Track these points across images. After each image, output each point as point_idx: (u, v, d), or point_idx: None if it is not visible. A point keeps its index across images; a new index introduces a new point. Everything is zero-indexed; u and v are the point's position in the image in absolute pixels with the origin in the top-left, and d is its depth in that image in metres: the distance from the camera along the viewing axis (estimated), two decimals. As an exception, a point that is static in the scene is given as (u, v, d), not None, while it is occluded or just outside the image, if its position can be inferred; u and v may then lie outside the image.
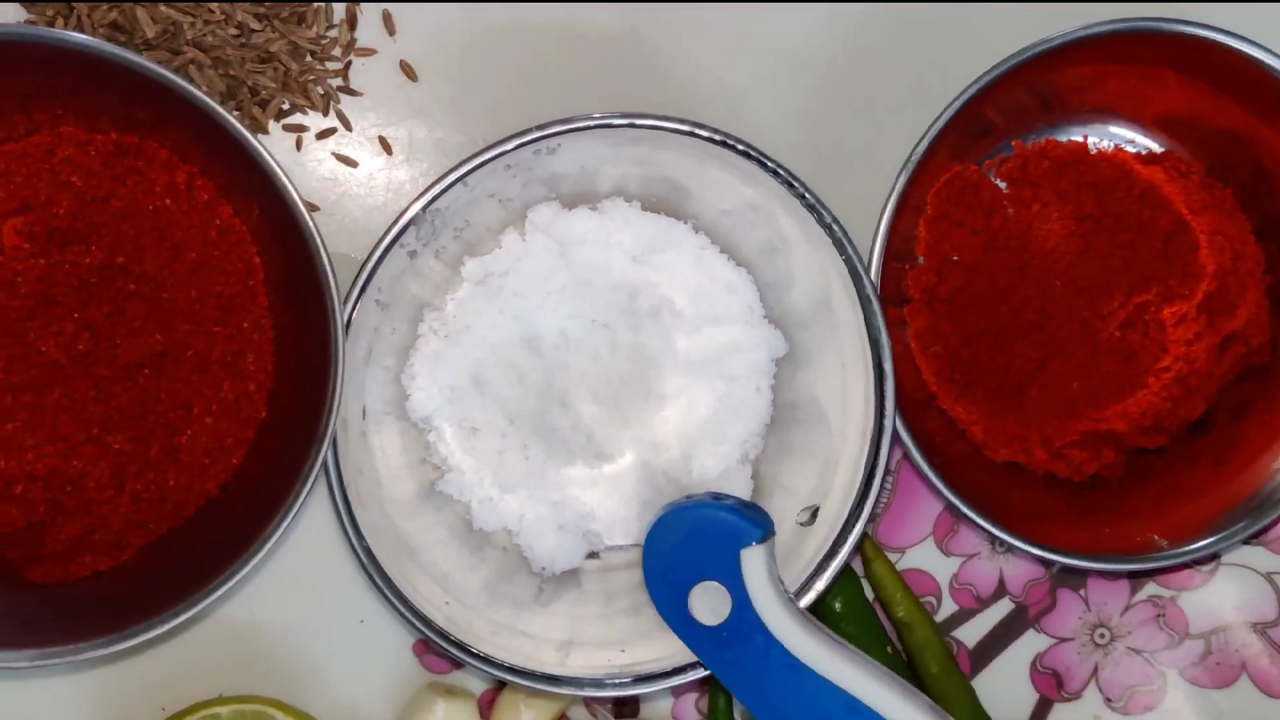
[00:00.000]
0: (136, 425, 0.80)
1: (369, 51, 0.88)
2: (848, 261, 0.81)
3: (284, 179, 0.76)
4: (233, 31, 0.83)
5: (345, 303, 0.79)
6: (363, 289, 0.80)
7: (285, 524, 0.78)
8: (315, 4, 0.86)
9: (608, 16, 0.88)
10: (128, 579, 0.81)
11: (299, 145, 0.87)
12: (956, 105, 0.82)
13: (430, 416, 0.85)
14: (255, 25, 0.83)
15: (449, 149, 0.87)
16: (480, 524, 0.86)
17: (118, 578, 0.81)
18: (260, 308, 0.82)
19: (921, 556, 0.92)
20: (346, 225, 0.87)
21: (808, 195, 0.81)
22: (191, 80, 0.81)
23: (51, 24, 0.83)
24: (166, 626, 0.78)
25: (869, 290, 0.81)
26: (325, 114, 0.87)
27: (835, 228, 0.81)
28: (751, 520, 0.80)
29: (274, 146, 0.86)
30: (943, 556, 0.91)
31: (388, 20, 0.87)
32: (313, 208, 0.86)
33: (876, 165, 0.86)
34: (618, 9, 0.88)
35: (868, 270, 0.82)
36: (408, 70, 0.88)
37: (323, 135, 0.87)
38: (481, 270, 0.85)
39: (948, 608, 0.92)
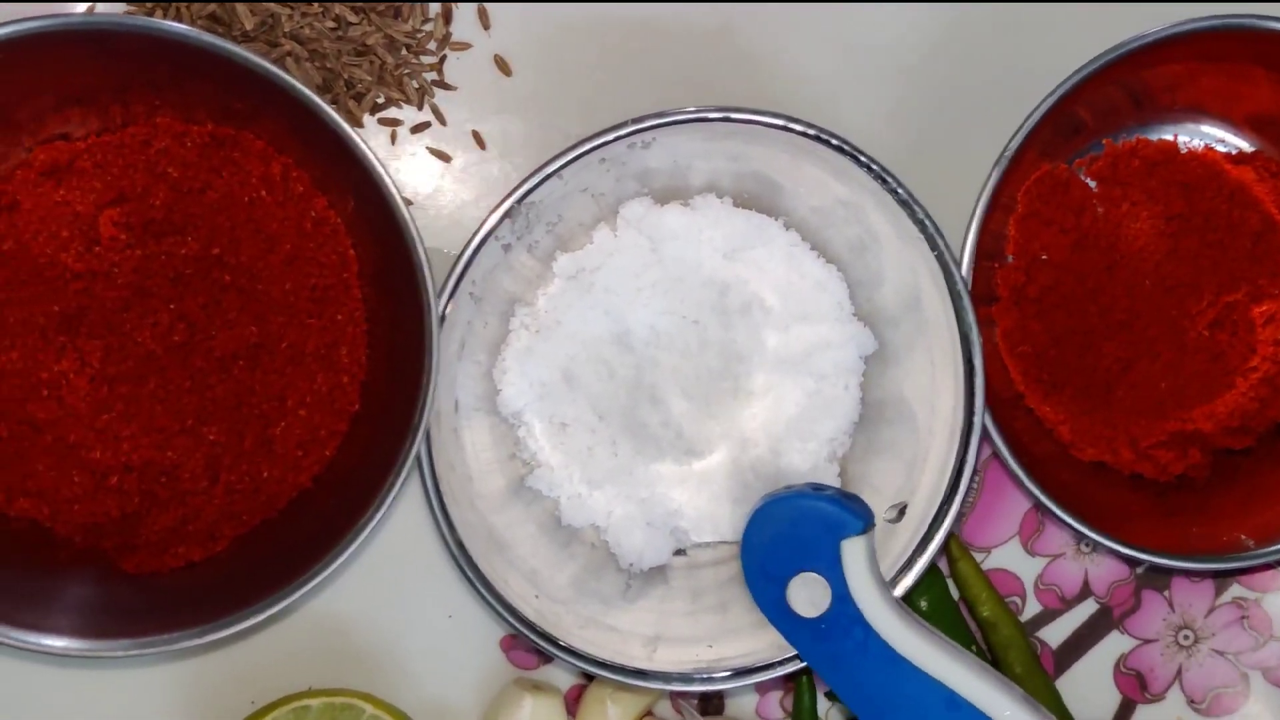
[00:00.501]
0: (231, 417, 0.80)
1: (464, 46, 0.88)
2: (939, 258, 0.81)
3: (381, 172, 0.76)
4: (330, 24, 0.83)
5: (440, 296, 0.79)
6: (457, 282, 0.80)
7: (378, 517, 0.78)
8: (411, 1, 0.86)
9: (701, 12, 0.88)
10: (221, 570, 0.81)
11: (393, 139, 0.87)
12: (1049, 102, 0.82)
13: (520, 412, 0.85)
14: (352, 18, 0.84)
15: (541, 143, 0.87)
16: (569, 520, 0.86)
17: (211, 569, 0.81)
18: (354, 300, 0.82)
19: (1007, 556, 0.91)
20: (439, 219, 0.88)
21: (900, 191, 0.81)
22: (288, 73, 0.81)
23: (150, 14, 0.83)
24: (259, 618, 0.78)
25: (960, 287, 0.81)
26: (420, 108, 0.87)
27: (928, 224, 0.81)
28: (853, 511, 0.79)
29: (368, 140, 0.86)
30: (1028, 556, 0.91)
31: (483, 14, 0.87)
32: (407, 201, 0.85)
33: (965, 162, 0.86)
34: (711, 5, 0.87)
35: (959, 267, 0.81)
36: (502, 64, 0.88)
37: (417, 129, 0.88)
38: (573, 265, 0.85)
39: (1032, 608, 0.91)
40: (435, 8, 0.87)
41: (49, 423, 0.79)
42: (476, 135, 0.88)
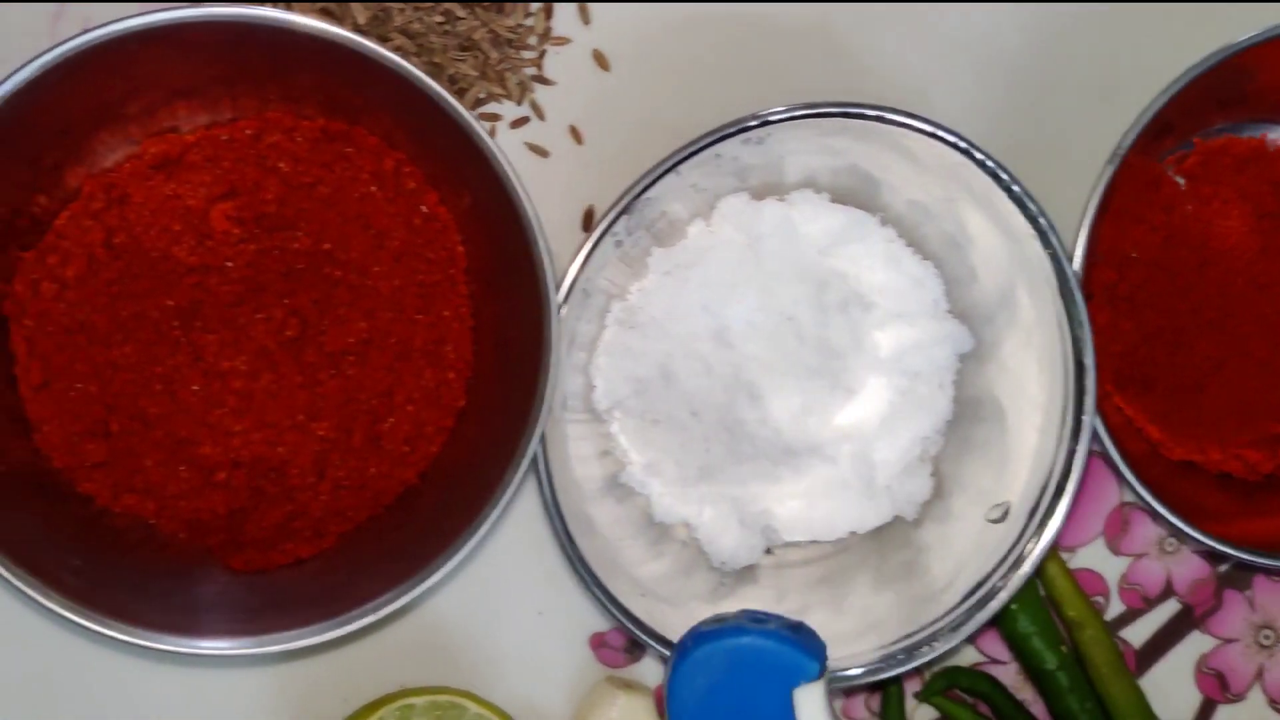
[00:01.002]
0: (340, 413, 0.80)
1: (564, 40, 0.87)
2: (1053, 256, 0.81)
3: (508, 169, 0.75)
4: (438, 19, 0.83)
5: (558, 291, 0.78)
6: (575, 278, 0.79)
7: (495, 514, 0.77)
8: (516, -7, 0.86)
9: (798, 8, 0.88)
10: (329, 567, 0.81)
11: (493, 134, 0.87)
12: (1161, 101, 0.82)
13: (613, 408, 0.85)
14: (461, 13, 0.83)
15: (637, 139, 0.87)
16: (660, 517, 0.86)
17: (319, 565, 0.81)
18: (460, 296, 0.81)
19: (1092, 556, 0.91)
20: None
21: (1016, 188, 0.81)
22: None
23: (260, 8, 0.82)
24: (381, 614, 0.78)
25: (1072, 285, 0.81)
26: (519, 103, 0.87)
27: (1042, 220, 0.81)
28: (804, 649, 0.67)
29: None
30: (1112, 556, 0.91)
31: (583, 10, 0.87)
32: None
33: (1060, 158, 0.86)
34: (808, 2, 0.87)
35: (1070, 264, 0.81)
36: (600, 59, 0.88)
37: (516, 124, 0.87)
38: (669, 261, 0.85)
39: (1115, 607, 0.91)
40: (537, 3, 0.86)
41: (160, 418, 0.78)
42: (574, 130, 0.88)
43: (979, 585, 0.84)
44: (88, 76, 0.74)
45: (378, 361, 0.80)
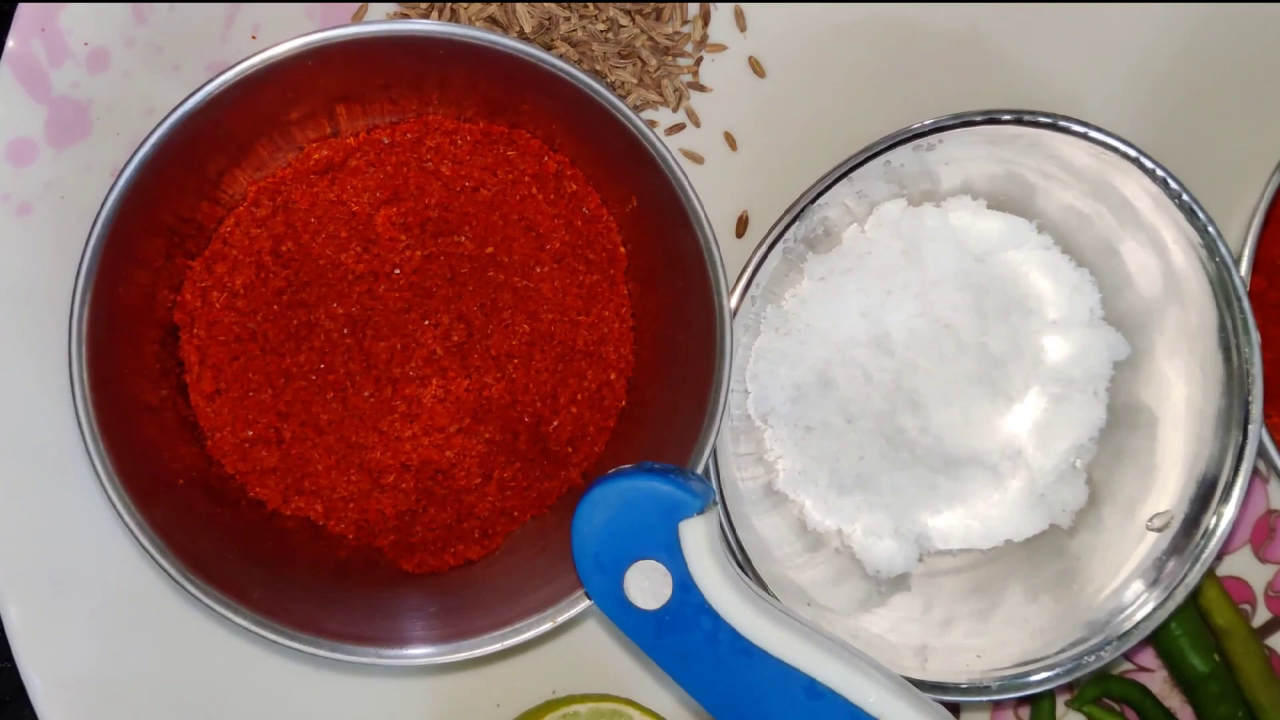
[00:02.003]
0: (505, 415, 0.80)
1: (719, 47, 0.87)
2: (1220, 264, 0.81)
3: (681, 174, 0.75)
4: (601, 26, 0.83)
5: (731, 296, 0.78)
6: (749, 282, 0.79)
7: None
8: (674, 1, 0.85)
9: (949, 15, 0.87)
10: (497, 568, 0.81)
11: (649, 141, 0.87)
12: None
13: (768, 414, 0.85)
14: (623, 21, 0.83)
15: (792, 145, 0.87)
16: (814, 524, 0.86)
17: (488, 567, 0.81)
18: (620, 296, 0.81)
19: (1238, 563, 0.91)
20: (691, 220, 0.87)
21: (1185, 196, 0.80)
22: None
23: (425, 17, 0.83)
24: (559, 621, 0.77)
25: (1241, 294, 0.81)
26: (675, 109, 0.87)
27: (1211, 229, 0.80)
28: (689, 489, 0.73)
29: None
30: (1259, 564, 0.91)
31: (739, 16, 0.87)
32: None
33: (1215, 163, 0.86)
34: (962, 5, 0.87)
35: (1238, 272, 0.81)
36: (756, 66, 0.88)
37: (672, 130, 0.87)
38: (825, 267, 0.85)
39: (1262, 615, 0.91)
40: (694, 9, 0.87)
41: (331, 424, 0.79)
42: (729, 136, 0.88)
43: (1139, 596, 0.83)
44: (257, 91, 0.74)
45: (541, 363, 0.80)
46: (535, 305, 0.80)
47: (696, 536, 0.72)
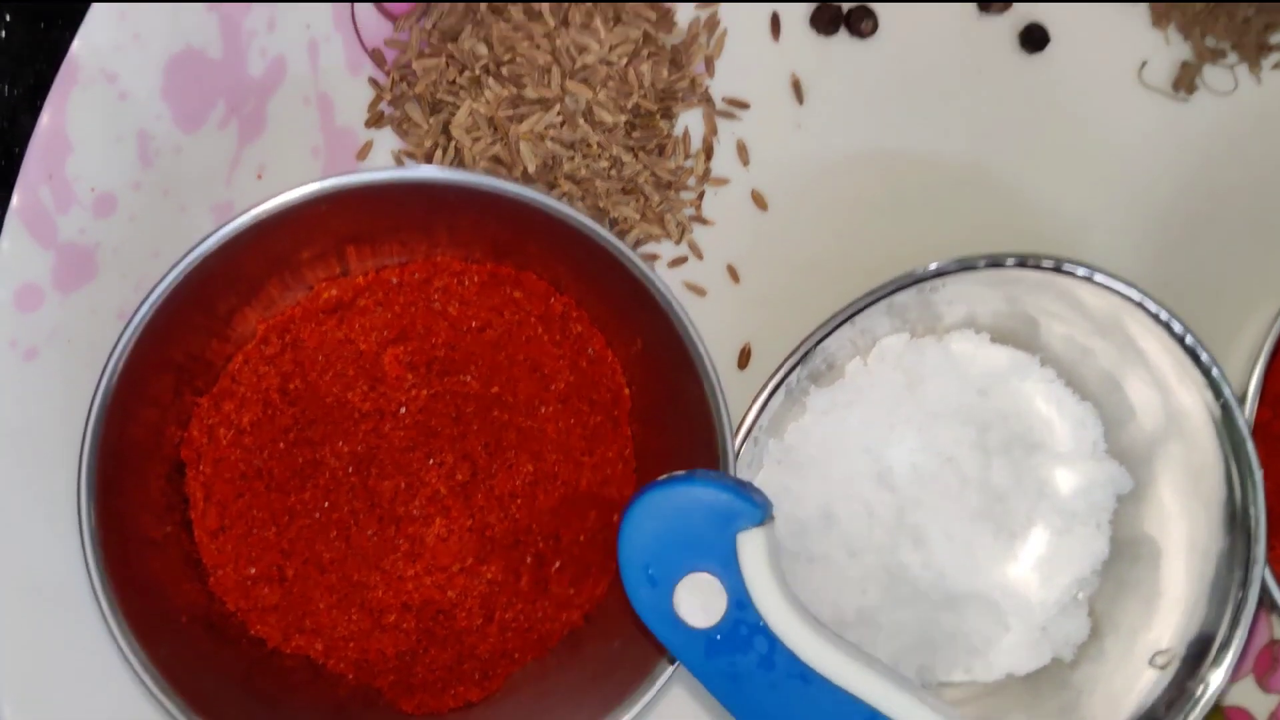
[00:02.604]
0: (508, 555, 0.80)
1: (722, 181, 0.88)
2: (1224, 406, 0.81)
3: (684, 318, 0.76)
4: (604, 164, 0.83)
5: (735, 436, 0.79)
6: (752, 423, 0.80)
7: (669, 673, 0.77)
8: (676, 135, 0.86)
9: (954, 149, 0.88)
10: (497, 710, 0.81)
11: (652, 273, 0.87)
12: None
13: (771, 546, 0.85)
14: (626, 158, 0.84)
15: (796, 278, 0.88)
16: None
17: (489, 709, 0.81)
18: (624, 438, 0.82)
19: (1241, 693, 0.91)
20: (693, 353, 0.87)
21: (1189, 339, 0.80)
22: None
23: (429, 155, 0.84)
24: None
25: (1244, 433, 0.81)
26: (678, 242, 0.87)
27: (1215, 371, 0.81)
28: (749, 499, 0.69)
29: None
30: (1262, 694, 0.91)
31: (742, 151, 0.88)
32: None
33: (1220, 292, 0.87)
34: (965, 140, 0.88)
35: (1242, 410, 0.81)
36: (759, 200, 0.88)
37: (674, 263, 0.88)
38: (827, 400, 0.85)
39: (1264, 743, 0.91)
40: (697, 143, 0.87)
41: (334, 562, 0.79)
42: (731, 269, 0.88)
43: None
44: (270, 233, 0.75)
45: (544, 504, 0.80)
46: (539, 445, 0.80)
47: (756, 548, 0.68)
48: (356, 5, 0.85)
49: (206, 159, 0.83)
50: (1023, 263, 0.80)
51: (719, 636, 0.68)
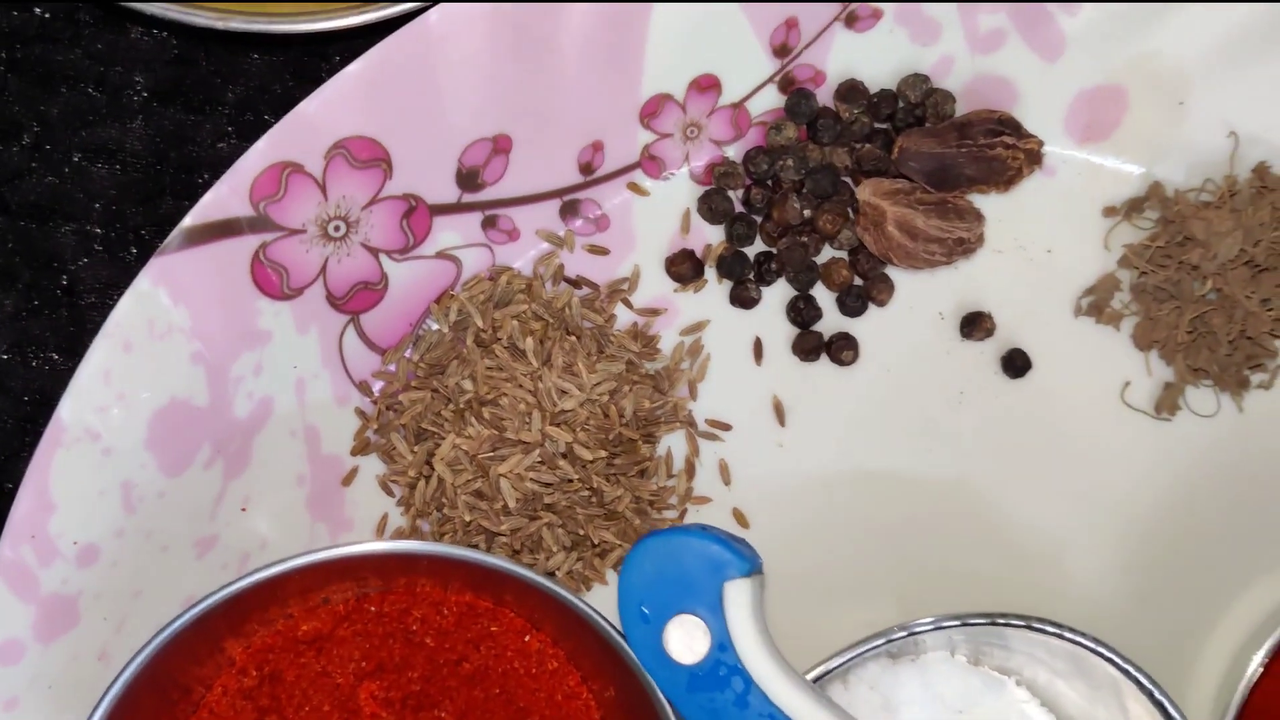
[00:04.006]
0: None
1: (704, 500, 0.89)
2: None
3: (645, 675, 0.76)
4: (585, 493, 0.85)
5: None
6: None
7: None
8: (659, 456, 0.87)
9: (935, 468, 0.89)
10: None
11: (631, 591, 0.88)
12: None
13: None
14: (606, 487, 0.85)
15: (777, 595, 0.88)
16: None
17: None
18: (595, 770, 0.83)
19: None
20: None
21: (1158, 694, 0.81)
22: (542, 542, 0.83)
23: (413, 485, 0.85)
24: None
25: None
26: (659, 561, 0.88)
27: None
28: (739, 553, 0.75)
29: (607, 594, 0.88)
30: None
31: (724, 470, 0.89)
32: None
33: (1189, 615, 0.87)
34: (947, 460, 0.89)
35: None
36: (740, 518, 0.89)
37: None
38: (806, 724, 0.86)
39: None
40: (679, 463, 0.88)
41: None
42: (716, 586, 0.89)
43: None
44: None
45: (517, 834, 0.81)
46: (512, 778, 0.81)
47: (741, 597, 0.74)
48: (344, 339, 0.86)
49: (190, 499, 0.84)
50: (993, 621, 0.80)
51: (701, 674, 0.74)
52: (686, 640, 0.74)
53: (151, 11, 0.83)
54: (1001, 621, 0.81)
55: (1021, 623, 0.81)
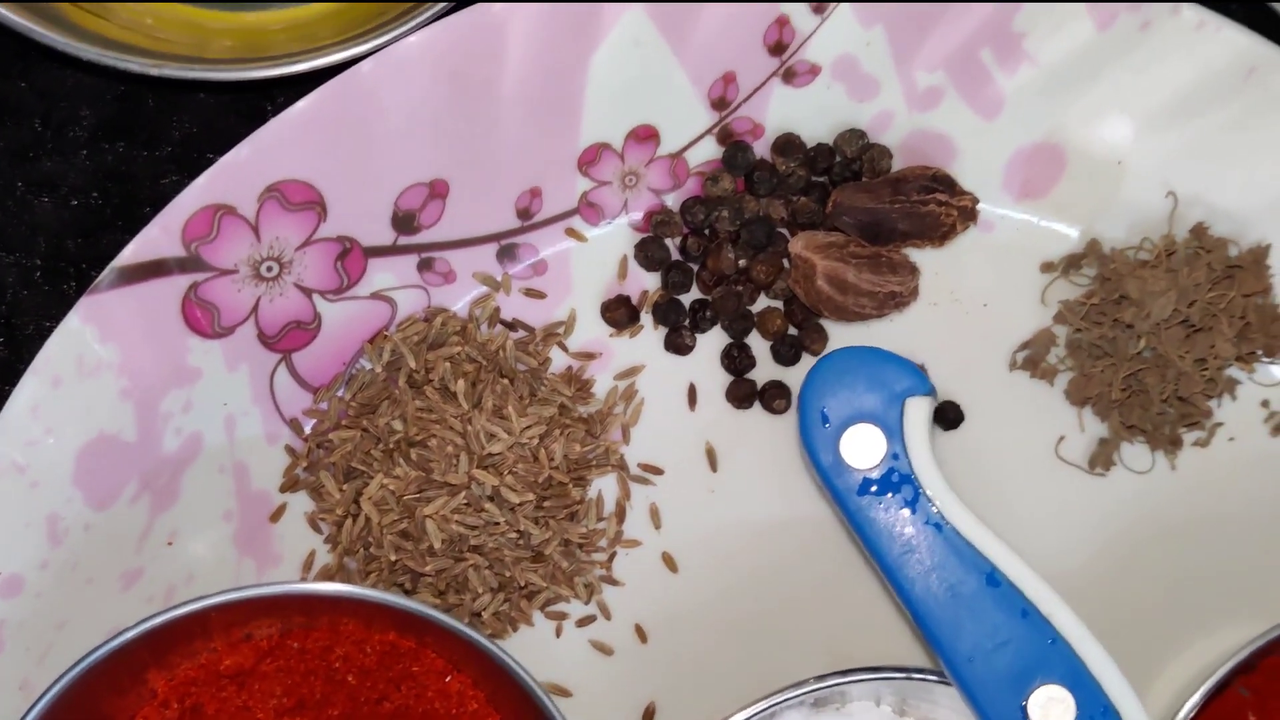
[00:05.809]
0: None
1: (634, 543, 0.90)
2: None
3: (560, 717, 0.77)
4: (513, 535, 0.85)
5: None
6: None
7: None
8: (589, 499, 0.88)
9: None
10: None
11: (559, 632, 0.89)
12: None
13: None
14: (535, 529, 0.86)
15: (702, 639, 0.89)
16: None
17: None
18: (517, 814, 0.83)
19: None
20: (596, 711, 0.89)
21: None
22: (468, 582, 0.83)
23: (340, 524, 0.86)
24: None
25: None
26: (587, 603, 0.89)
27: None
28: (923, 377, 0.81)
29: (533, 635, 0.88)
30: None
31: (655, 514, 0.89)
32: (564, 693, 0.87)
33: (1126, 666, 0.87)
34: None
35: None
36: (669, 562, 0.90)
37: (582, 623, 0.89)
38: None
39: None
40: (610, 506, 0.89)
41: None
42: (639, 629, 0.90)
43: None
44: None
45: None
46: (433, 819, 0.82)
47: (919, 414, 0.80)
48: (275, 377, 0.87)
49: (116, 532, 0.85)
50: (909, 676, 0.81)
51: (873, 478, 0.80)
52: (862, 446, 0.80)
53: (88, 58, 0.84)
54: (918, 676, 0.81)
55: (936, 679, 0.81)
